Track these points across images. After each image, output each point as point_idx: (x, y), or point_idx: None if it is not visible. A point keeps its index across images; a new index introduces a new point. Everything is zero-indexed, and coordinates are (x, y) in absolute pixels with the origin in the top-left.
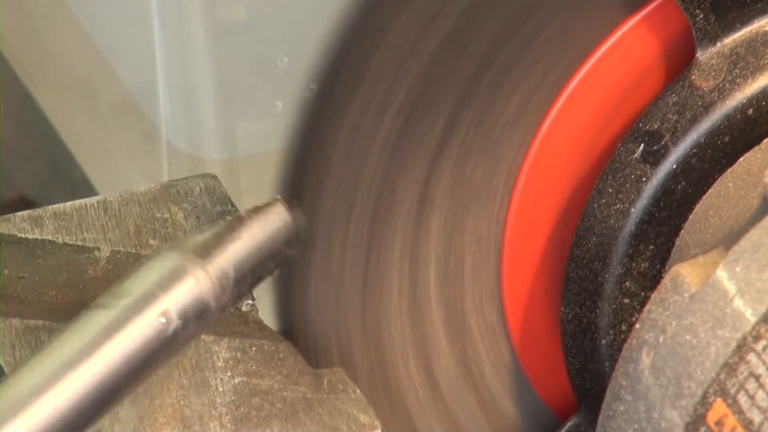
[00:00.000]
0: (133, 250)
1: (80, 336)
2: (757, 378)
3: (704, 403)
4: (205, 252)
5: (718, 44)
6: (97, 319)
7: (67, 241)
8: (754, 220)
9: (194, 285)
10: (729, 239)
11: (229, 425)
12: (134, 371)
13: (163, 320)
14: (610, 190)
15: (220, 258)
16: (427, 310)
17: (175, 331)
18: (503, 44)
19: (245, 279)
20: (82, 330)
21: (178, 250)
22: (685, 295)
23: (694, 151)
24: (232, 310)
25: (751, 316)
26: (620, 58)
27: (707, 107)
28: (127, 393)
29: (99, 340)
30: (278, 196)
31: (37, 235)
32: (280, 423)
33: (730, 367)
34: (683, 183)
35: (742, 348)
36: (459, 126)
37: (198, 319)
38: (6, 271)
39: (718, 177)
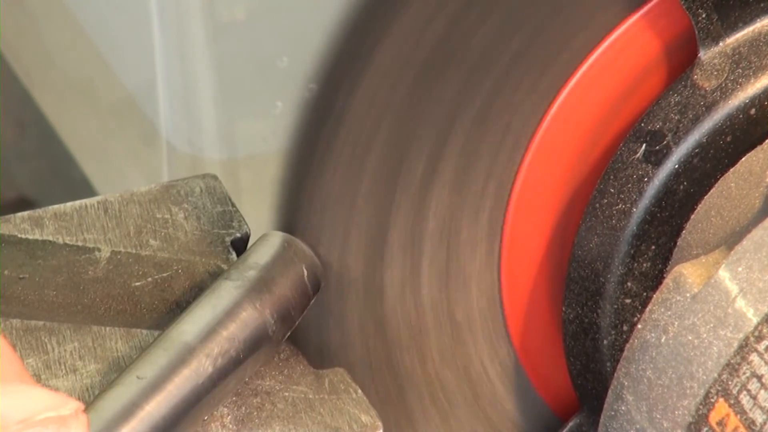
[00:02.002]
0: (134, 251)
1: (152, 365)
2: (760, 378)
3: (706, 403)
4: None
5: (721, 44)
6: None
7: (68, 242)
8: (757, 220)
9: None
10: (731, 239)
11: (230, 425)
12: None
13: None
14: (612, 190)
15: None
16: (427, 311)
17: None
18: (504, 41)
19: (291, 317)
20: (157, 357)
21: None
22: (687, 295)
23: (696, 151)
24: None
25: (753, 317)
26: (622, 57)
27: (709, 107)
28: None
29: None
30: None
31: (37, 236)
32: (282, 423)
33: (732, 368)
34: (685, 183)
35: (744, 348)
36: (459, 126)
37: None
38: (6, 272)
39: (720, 177)
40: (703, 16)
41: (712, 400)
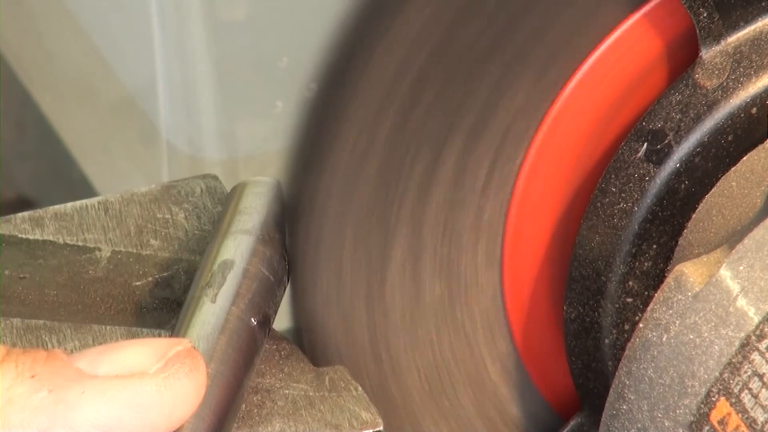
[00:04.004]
0: (134, 251)
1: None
2: (761, 377)
3: (708, 402)
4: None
5: (722, 43)
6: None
7: (68, 242)
8: (758, 219)
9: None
10: (732, 238)
11: None
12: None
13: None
14: (613, 189)
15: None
16: (429, 310)
17: None
18: (505, 41)
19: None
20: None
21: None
22: (689, 294)
23: (698, 150)
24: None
25: (754, 315)
26: (623, 56)
27: (711, 106)
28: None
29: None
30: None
31: (37, 236)
32: (282, 420)
33: (733, 367)
34: (687, 182)
35: (745, 347)
36: (460, 125)
37: None
38: (7, 272)
39: (722, 176)
40: (705, 15)
41: (714, 399)
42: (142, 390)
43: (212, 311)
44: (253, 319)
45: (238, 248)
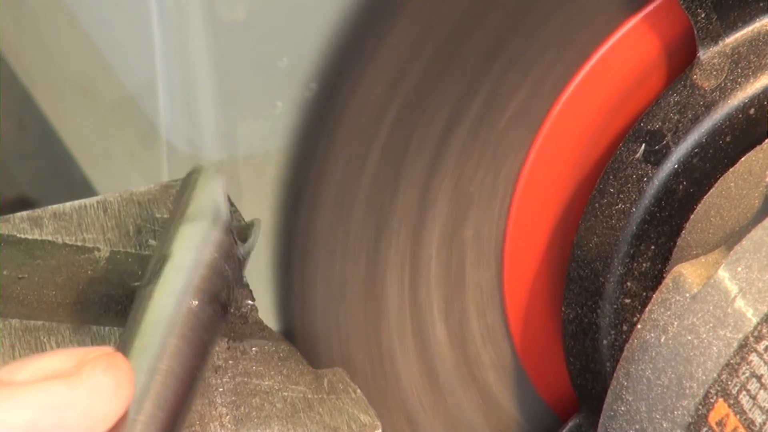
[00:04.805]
0: (133, 251)
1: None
2: (759, 378)
3: (706, 403)
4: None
5: (720, 43)
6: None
7: (67, 242)
8: (756, 220)
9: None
10: (731, 239)
11: (229, 425)
12: None
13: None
14: (612, 190)
15: None
16: (428, 311)
17: None
18: (504, 44)
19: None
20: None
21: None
22: (687, 295)
23: (696, 150)
24: (232, 310)
25: (752, 317)
26: (621, 58)
27: (709, 107)
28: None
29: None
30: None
31: (36, 236)
32: (281, 423)
33: (731, 368)
34: (685, 183)
35: (743, 348)
36: (459, 126)
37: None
38: (5, 272)
39: (720, 177)
40: (702, 15)
41: (712, 401)
42: (54, 390)
43: (150, 306)
44: (204, 306)
45: (173, 240)
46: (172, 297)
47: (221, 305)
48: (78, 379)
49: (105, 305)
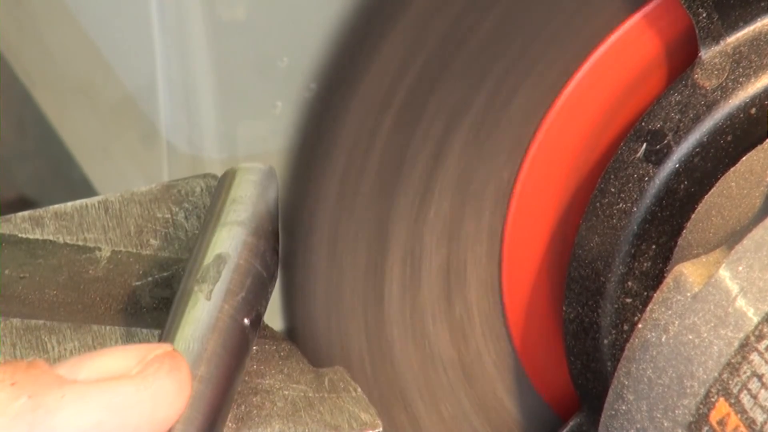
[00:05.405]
0: (134, 250)
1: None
2: (760, 377)
3: (707, 402)
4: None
5: (721, 43)
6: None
7: (68, 241)
8: (757, 219)
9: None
10: (731, 239)
11: (230, 424)
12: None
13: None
14: (613, 190)
15: None
16: (428, 310)
17: None
18: (505, 42)
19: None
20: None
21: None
22: (688, 294)
23: (697, 150)
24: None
25: (753, 316)
26: (622, 57)
27: (710, 106)
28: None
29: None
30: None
31: (37, 236)
32: (281, 421)
33: (732, 367)
34: (686, 182)
35: (744, 347)
36: (460, 126)
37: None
38: (7, 271)
39: (721, 176)
40: (704, 15)
41: (713, 400)
42: (120, 391)
43: (206, 309)
44: (246, 319)
45: (232, 241)
46: (227, 305)
47: (258, 318)
48: (144, 380)
49: (106, 305)
